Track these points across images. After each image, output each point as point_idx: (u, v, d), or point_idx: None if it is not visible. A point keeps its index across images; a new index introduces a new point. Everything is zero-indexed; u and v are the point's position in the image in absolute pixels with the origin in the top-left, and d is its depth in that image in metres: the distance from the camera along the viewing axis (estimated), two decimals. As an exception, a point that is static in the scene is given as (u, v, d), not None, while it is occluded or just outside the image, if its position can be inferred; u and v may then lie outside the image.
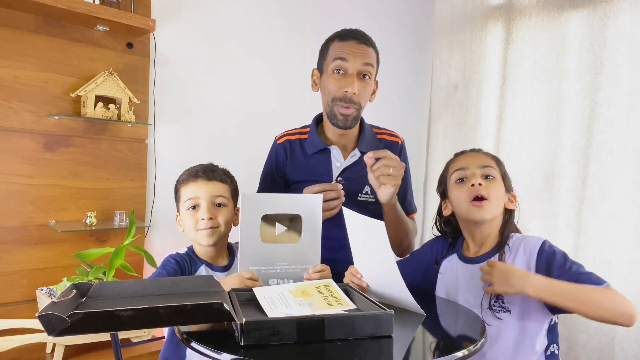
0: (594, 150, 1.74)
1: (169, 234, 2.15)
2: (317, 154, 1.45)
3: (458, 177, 1.24)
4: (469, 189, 1.20)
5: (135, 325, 0.79)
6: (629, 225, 1.65)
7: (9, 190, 1.77)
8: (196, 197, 1.24)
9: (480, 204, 1.19)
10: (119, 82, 1.90)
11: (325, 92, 1.40)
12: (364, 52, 1.35)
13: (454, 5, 2.21)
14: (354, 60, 1.33)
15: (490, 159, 1.26)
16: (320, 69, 1.44)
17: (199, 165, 1.30)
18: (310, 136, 1.47)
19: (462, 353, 0.84)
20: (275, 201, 1.14)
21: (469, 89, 2.15)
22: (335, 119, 1.38)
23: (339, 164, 1.43)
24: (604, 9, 1.72)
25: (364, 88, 1.36)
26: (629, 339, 1.63)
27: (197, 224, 1.23)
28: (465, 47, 2.17)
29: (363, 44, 1.36)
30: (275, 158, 1.51)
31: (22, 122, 1.79)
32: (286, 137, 1.51)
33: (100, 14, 1.78)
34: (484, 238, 1.24)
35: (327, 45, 1.41)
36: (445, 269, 1.30)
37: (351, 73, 1.34)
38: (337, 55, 1.35)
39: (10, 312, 1.75)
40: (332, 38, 1.41)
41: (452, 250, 1.31)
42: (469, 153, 1.30)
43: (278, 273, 1.13)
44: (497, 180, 1.22)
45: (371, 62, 1.37)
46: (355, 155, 1.44)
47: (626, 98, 1.67)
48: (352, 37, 1.36)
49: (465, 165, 1.24)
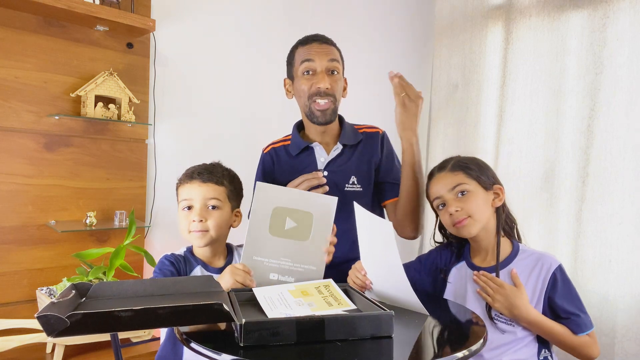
0: (594, 150, 1.74)
1: (169, 234, 2.15)
2: (301, 153, 1.50)
3: (438, 204, 1.28)
4: (450, 216, 1.23)
5: (135, 325, 0.79)
6: (629, 225, 1.65)
7: (9, 190, 1.77)
8: (190, 198, 1.24)
9: (462, 224, 1.22)
10: (119, 82, 1.90)
11: (299, 94, 1.46)
12: (327, 50, 1.43)
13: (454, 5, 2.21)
14: (319, 59, 1.41)
15: (456, 174, 1.25)
16: (290, 77, 1.51)
17: (198, 166, 1.31)
18: (292, 139, 1.53)
19: (462, 354, 0.84)
20: (290, 195, 1.14)
21: (469, 88, 2.15)
22: (314, 115, 1.43)
23: (323, 159, 1.48)
24: (604, 10, 1.72)
25: (335, 82, 1.42)
26: (628, 338, 1.63)
27: (190, 226, 1.23)
28: (465, 47, 2.16)
29: (325, 44, 1.45)
30: (263, 167, 1.57)
31: (22, 122, 1.78)
32: (271, 146, 1.58)
33: (100, 14, 1.78)
34: (487, 244, 1.26)
35: (292, 53, 1.50)
36: (454, 277, 1.31)
37: (320, 71, 1.41)
38: (304, 58, 1.43)
39: (10, 312, 1.75)
40: (296, 46, 1.50)
41: (461, 258, 1.32)
42: (437, 176, 1.29)
43: (280, 268, 1.13)
44: (472, 193, 1.23)
45: (336, 58, 1.44)
46: (337, 148, 1.48)
47: (626, 98, 1.67)
48: (313, 40, 1.45)
49: (438, 193, 1.26)
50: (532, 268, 1.20)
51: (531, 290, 1.18)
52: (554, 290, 1.17)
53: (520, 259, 1.23)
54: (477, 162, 1.28)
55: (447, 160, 1.31)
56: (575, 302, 1.18)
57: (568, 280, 1.19)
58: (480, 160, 1.30)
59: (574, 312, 1.17)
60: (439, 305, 1.24)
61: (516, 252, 1.24)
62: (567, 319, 1.16)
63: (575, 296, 1.19)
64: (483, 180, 1.24)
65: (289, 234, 1.13)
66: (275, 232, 1.12)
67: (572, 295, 1.18)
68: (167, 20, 2.13)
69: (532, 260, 1.21)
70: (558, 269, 1.18)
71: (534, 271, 1.20)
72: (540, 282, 1.18)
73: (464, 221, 1.21)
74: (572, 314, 1.16)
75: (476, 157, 1.31)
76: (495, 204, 1.25)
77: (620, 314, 1.65)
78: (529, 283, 1.19)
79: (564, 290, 1.18)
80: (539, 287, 1.18)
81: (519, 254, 1.24)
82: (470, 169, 1.25)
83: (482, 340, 0.91)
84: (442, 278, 1.32)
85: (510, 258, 1.23)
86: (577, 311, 1.17)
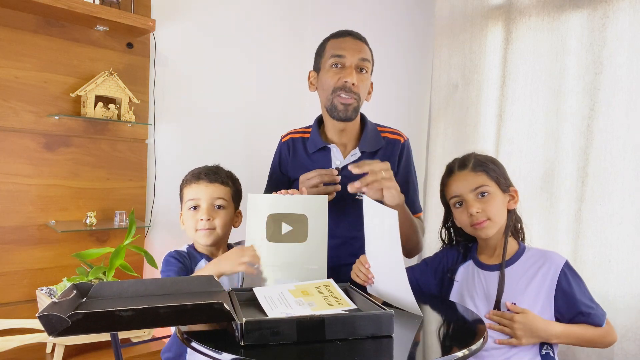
0: (594, 150, 1.74)
1: (169, 234, 2.15)
2: (317, 152, 1.47)
3: (455, 201, 1.27)
4: (469, 216, 1.23)
5: (135, 325, 0.79)
6: (628, 225, 1.65)
7: (9, 190, 1.77)
8: (197, 198, 1.28)
9: (481, 226, 1.22)
10: (119, 82, 1.90)
11: (323, 87, 1.41)
12: (360, 47, 1.39)
13: (454, 5, 2.21)
14: (351, 55, 1.37)
15: (479, 175, 1.24)
16: (317, 69, 1.46)
17: (203, 167, 1.34)
18: (312, 135, 1.49)
19: (462, 353, 0.84)
20: (281, 201, 1.15)
21: (469, 89, 2.15)
22: (336, 110, 1.38)
23: (338, 162, 1.44)
24: (604, 9, 1.72)
25: (362, 81, 1.38)
26: (628, 338, 1.63)
27: (197, 224, 1.27)
28: (465, 47, 2.17)
29: (359, 40, 1.40)
30: (279, 156, 1.54)
31: (22, 122, 1.79)
32: (290, 136, 1.54)
33: (100, 14, 1.78)
34: (495, 243, 1.27)
35: (323, 45, 1.44)
36: (461, 276, 1.31)
37: (349, 65, 1.37)
38: (335, 52, 1.38)
39: (10, 312, 1.75)
40: (328, 38, 1.44)
41: (468, 257, 1.33)
42: (457, 174, 1.27)
43: (283, 273, 1.14)
44: (492, 195, 1.23)
45: (367, 58, 1.40)
46: (355, 154, 1.44)
47: (626, 98, 1.67)
48: (348, 35, 1.40)
49: (458, 192, 1.25)
50: (539, 266, 1.20)
51: (537, 288, 1.18)
52: (569, 287, 1.17)
53: (526, 258, 1.23)
54: (495, 162, 1.28)
55: (467, 158, 1.29)
56: (589, 295, 1.18)
57: (577, 275, 1.20)
58: (496, 160, 1.30)
59: (591, 305, 1.17)
60: (439, 304, 1.24)
61: (522, 251, 1.25)
62: (588, 314, 1.16)
63: (587, 289, 1.19)
64: (502, 183, 1.25)
65: (286, 238, 1.15)
66: (273, 239, 1.14)
67: (585, 289, 1.19)
68: (167, 20, 2.13)
69: (537, 258, 1.22)
70: (566, 266, 1.19)
71: (541, 269, 1.20)
72: (548, 279, 1.18)
73: (483, 223, 1.21)
74: (590, 307, 1.16)
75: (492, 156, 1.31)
76: (510, 206, 1.26)
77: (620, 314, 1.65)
78: (536, 281, 1.19)
79: (578, 285, 1.18)
80: (547, 284, 1.18)
81: (524, 253, 1.24)
82: (492, 170, 1.25)
83: (482, 339, 0.91)
84: (449, 278, 1.32)
85: (516, 257, 1.24)
86: (592, 304, 1.17)
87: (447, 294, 1.32)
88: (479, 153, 1.31)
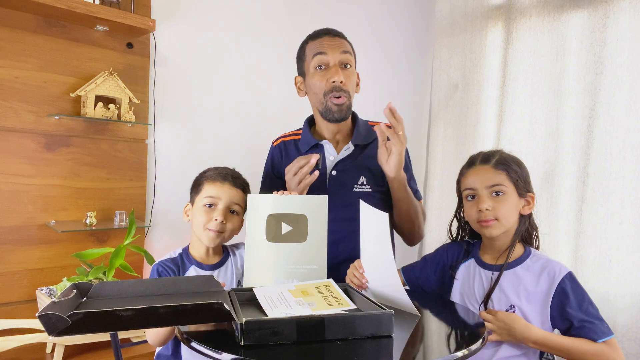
0: (594, 150, 1.74)
1: (169, 234, 2.14)
2: (310, 150, 1.47)
3: (468, 194, 1.26)
4: (478, 212, 1.21)
5: (136, 324, 0.79)
6: (629, 225, 1.65)
7: (9, 190, 1.76)
8: (217, 197, 1.26)
9: (487, 224, 1.21)
10: (119, 82, 1.89)
11: (313, 91, 1.42)
12: (339, 43, 1.40)
13: (454, 5, 2.21)
14: (332, 52, 1.38)
15: (499, 173, 1.22)
16: (301, 73, 1.47)
17: (226, 168, 1.34)
18: (303, 135, 1.51)
19: (462, 353, 0.84)
20: (281, 201, 1.15)
21: (469, 89, 2.15)
22: (331, 112, 1.40)
23: (332, 158, 1.45)
24: (604, 10, 1.72)
25: (348, 77, 1.39)
26: (628, 338, 1.63)
27: (209, 223, 1.24)
28: (465, 47, 2.17)
29: (336, 37, 1.41)
30: (272, 160, 1.55)
31: (22, 122, 1.78)
32: (281, 139, 1.55)
33: (100, 14, 1.78)
34: (501, 246, 1.25)
35: (302, 49, 1.46)
36: (461, 274, 1.30)
37: (333, 64, 1.38)
38: (315, 51, 1.39)
39: (10, 312, 1.75)
40: (306, 41, 1.46)
41: (470, 255, 1.32)
42: (478, 167, 1.26)
43: (284, 273, 1.14)
44: (507, 196, 1.21)
45: (348, 50, 1.41)
46: (349, 148, 1.45)
47: (626, 98, 1.67)
48: (324, 34, 1.42)
49: (474, 185, 1.24)
50: (539, 273, 1.19)
51: (533, 294, 1.17)
52: (565, 299, 1.15)
53: (530, 263, 1.21)
54: (520, 164, 1.26)
55: (492, 154, 1.27)
56: (589, 309, 1.14)
57: (579, 288, 1.16)
58: (522, 162, 1.27)
59: (587, 320, 1.13)
60: (439, 304, 1.24)
61: (526, 256, 1.23)
62: (581, 328, 1.13)
63: (589, 303, 1.15)
64: (520, 186, 1.23)
65: (286, 238, 1.15)
66: (273, 239, 1.14)
67: (585, 302, 1.15)
68: (167, 20, 2.13)
69: (539, 265, 1.20)
70: (567, 277, 1.16)
71: (542, 276, 1.18)
72: (545, 288, 1.17)
73: (490, 222, 1.20)
74: (586, 322, 1.13)
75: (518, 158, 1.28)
76: (524, 211, 1.24)
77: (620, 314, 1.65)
78: (534, 287, 1.18)
79: (575, 298, 1.15)
80: (544, 291, 1.17)
81: (528, 259, 1.22)
82: (513, 171, 1.23)
83: (482, 339, 0.91)
84: (450, 275, 1.31)
85: (518, 261, 1.22)
86: (590, 318, 1.13)
87: (447, 291, 1.31)
88: (505, 152, 1.28)
